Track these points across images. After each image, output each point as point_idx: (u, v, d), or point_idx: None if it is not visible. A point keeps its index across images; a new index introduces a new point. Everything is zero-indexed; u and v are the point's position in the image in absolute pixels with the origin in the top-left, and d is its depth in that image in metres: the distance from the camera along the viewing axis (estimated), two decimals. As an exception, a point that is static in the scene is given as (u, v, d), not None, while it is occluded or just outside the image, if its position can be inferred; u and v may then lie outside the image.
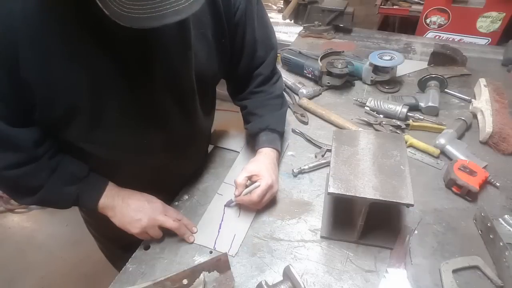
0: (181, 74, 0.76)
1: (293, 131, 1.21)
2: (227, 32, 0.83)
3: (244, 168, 0.93)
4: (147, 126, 0.79)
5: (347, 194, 0.74)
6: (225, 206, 0.95)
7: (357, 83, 1.43)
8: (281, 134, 1.04)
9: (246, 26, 0.86)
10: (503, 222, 0.89)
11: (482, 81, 1.28)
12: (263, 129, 0.99)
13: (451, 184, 0.97)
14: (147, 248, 0.87)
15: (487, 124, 1.11)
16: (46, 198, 0.79)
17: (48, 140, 0.74)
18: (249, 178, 0.91)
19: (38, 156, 0.74)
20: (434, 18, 1.80)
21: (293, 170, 1.04)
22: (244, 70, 0.96)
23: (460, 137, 1.14)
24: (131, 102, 0.72)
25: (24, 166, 0.72)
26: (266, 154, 0.96)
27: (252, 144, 1.05)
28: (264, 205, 0.93)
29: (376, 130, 1.17)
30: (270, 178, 0.89)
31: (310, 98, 1.35)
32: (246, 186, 0.91)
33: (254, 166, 0.92)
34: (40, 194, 0.77)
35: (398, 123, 1.19)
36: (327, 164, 1.06)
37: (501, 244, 0.78)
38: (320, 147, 1.13)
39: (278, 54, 1.67)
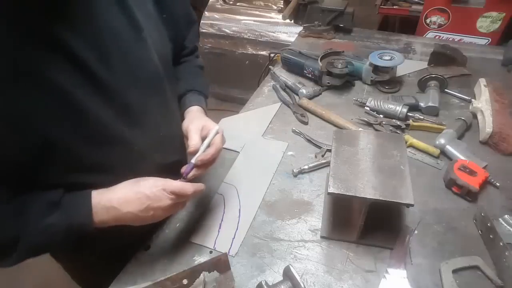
0: (143, 60, 0.73)
1: (293, 131, 1.21)
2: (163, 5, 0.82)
3: (189, 129, 0.83)
4: (126, 127, 0.73)
5: (347, 194, 0.74)
6: (183, 177, 0.77)
7: (357, 83, 1.43)
8: (206, 98, 1.03)
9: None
10: (503, 222, 0.89)
11: (482, 81, 1.28)
12: (189, 89, 1.00)
13: (451, 184, 0.97)
14: (147, 248, 0.87)
15: (487, 124, 1.11)
16: (31, 246, 0.64)
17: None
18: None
19: None
20: (434, 18, 1.80)
21: (293, 170, 1.04)
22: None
23: (460, 137, 1.14)
24: (103, 103, 0.67)
25: None
26: (197, 111, 0.94)
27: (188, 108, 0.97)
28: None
29: (376, 130, 1.17)
30: (216, 124, 0.86)
31: (310, 98, 1.35)
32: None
33: (197, 122, 0.85)
34: (21, 245, 0.62)
35: (398, 123, 1.19)
36: (327, 164, 1.06)
37: (501, 244, 0.78)
38: (320, 147, 1.13)
39: (278, 54, 1.67)
